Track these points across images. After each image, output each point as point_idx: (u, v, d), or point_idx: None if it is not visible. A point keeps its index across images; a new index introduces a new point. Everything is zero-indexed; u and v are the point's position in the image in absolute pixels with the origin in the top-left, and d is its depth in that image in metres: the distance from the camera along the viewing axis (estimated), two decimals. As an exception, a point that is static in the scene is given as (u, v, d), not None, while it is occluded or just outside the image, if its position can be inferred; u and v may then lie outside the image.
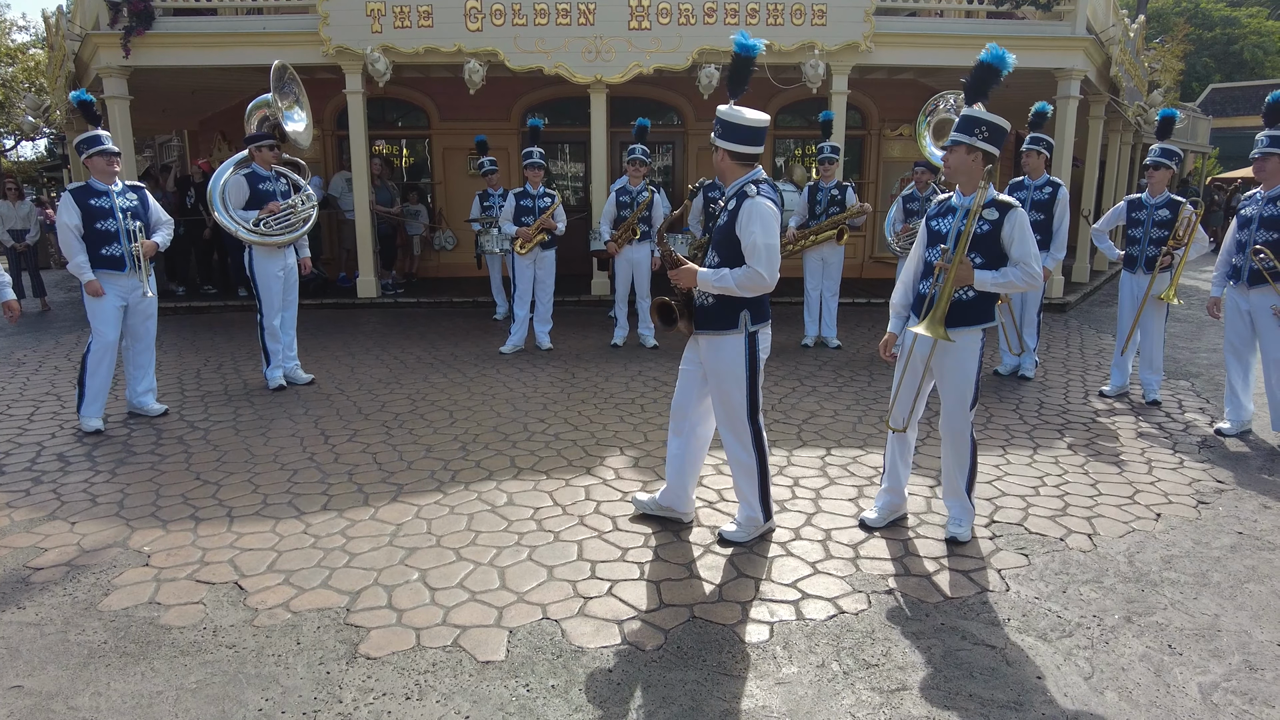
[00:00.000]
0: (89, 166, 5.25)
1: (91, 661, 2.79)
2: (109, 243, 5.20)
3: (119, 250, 5.23)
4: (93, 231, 5.16)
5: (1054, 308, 9.94)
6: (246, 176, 6.05)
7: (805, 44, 9.35)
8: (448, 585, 3.29)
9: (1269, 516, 3.99)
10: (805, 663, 2.78)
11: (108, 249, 5.20)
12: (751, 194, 3.33)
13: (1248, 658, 2.82)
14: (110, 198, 5.23)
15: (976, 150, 3.42)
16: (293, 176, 6.33)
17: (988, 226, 3.45)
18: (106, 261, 5.21)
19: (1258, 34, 34.79)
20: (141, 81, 9.74)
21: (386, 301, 10.26)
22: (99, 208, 5.18)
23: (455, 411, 5.69)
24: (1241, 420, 5.22)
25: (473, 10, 9.23)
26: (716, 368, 3.53)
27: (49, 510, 4.05)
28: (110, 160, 5.21)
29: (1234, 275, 5.10)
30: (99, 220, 5.18)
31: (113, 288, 5.27)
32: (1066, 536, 3.75)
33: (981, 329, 3.55)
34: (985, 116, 3.42)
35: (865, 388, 6.28)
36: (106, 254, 5.20)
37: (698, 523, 3.88)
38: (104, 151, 5.18)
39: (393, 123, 12.58)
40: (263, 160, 6.13)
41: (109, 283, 5.25)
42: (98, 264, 5.19)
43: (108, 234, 5.19)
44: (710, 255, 3.53)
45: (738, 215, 3.34)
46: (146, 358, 5.58)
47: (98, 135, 5.21)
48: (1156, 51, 15.55)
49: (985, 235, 3.46)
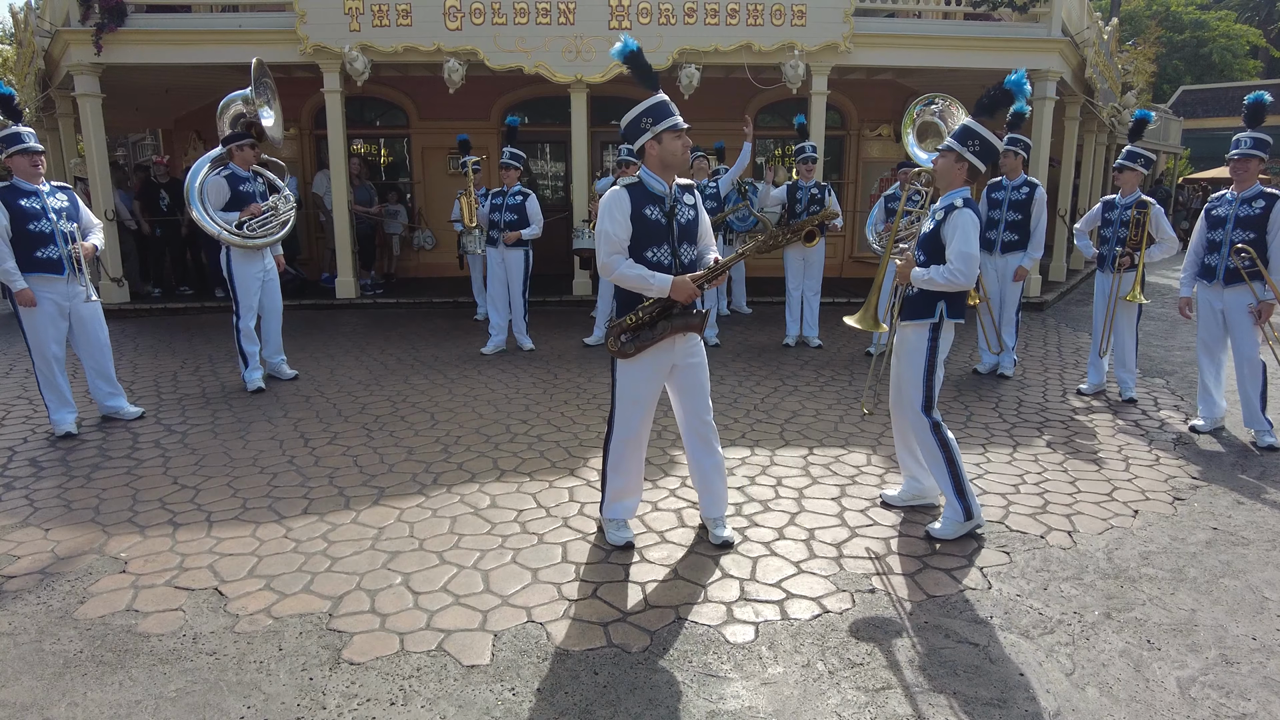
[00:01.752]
0: (10, 166, 4.93)
1: (67, 671, 2.74)
2: (43, 245, 4.90)
3: (55, 253, 4.93)
4: (24, 234, 4.86)
5: (1032, 306, 10.05)
6: (227, 178, 5.94)
7: (785, 44, 9.38)
8: (431, 589, 3.27)
9: (1242, 512, 4.06)
10: (791, 663, 2.79)
11: (43, 251, 4.90)
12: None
13: (1224, 652, 2.87)
14: (40, 198, 4.94)
15: (964, 161, 3.55)
16: (269, 176, 6.23)
17: (933, 225, 3.61)
18: (43, 265, 4.91)
19: (1226, 37, 35.38)
20: (114, 79, 9.58)
21: (366, 302, 10.17)
22: (29, 209, 4.88)
23: (437, 413, 5.65)
24: (1214, 417, 5.31)
25: (452, 9, 9.16)
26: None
27: (21, 517, 3.98)
28: (33, 160, 4.90)
29: (1206, 274, 5.18)
30: (31, 222, 4.87)
31: (51, 293, 4.99)
32: (1047, 534, 3.80)
33: (928, 324, 3.66)
34: (983, 132, 3.54)
35: (846, 387, 6.32)
36: (42, 257, 4.90)
37: (681, 524, 3.89)
38: (25, 150, 4.86)
39: (371, 122, 12.46)
40: (242, 160, 6.02)
41: (46, 289, 4.96)
42: (34, 268, 4.89)
43: (42, 236, 4.90)
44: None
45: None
46: (104, 363, 5.36)
47: (18, 133, 4.87)
48: (1129, 53, 15.76)
49: (930, 234, 3.63)
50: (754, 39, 9.39)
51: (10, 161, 4.93)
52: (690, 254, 3.50)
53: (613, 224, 3.31)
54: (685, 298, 3.32)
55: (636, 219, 3.34)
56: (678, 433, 5.19)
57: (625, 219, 3.32)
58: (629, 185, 3.38)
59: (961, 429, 5.34)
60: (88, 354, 5.31)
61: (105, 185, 9.67)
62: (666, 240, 3.40)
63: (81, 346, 5.29)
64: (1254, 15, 40.25)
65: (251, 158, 6.05)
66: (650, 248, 3.38)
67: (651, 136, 3.33)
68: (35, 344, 5.06)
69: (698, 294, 3.37)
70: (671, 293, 3.31)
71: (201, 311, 9.93)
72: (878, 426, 5.37)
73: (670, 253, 3.41)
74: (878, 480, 4.44)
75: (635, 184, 3.39)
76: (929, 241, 3.63)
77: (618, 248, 3.33)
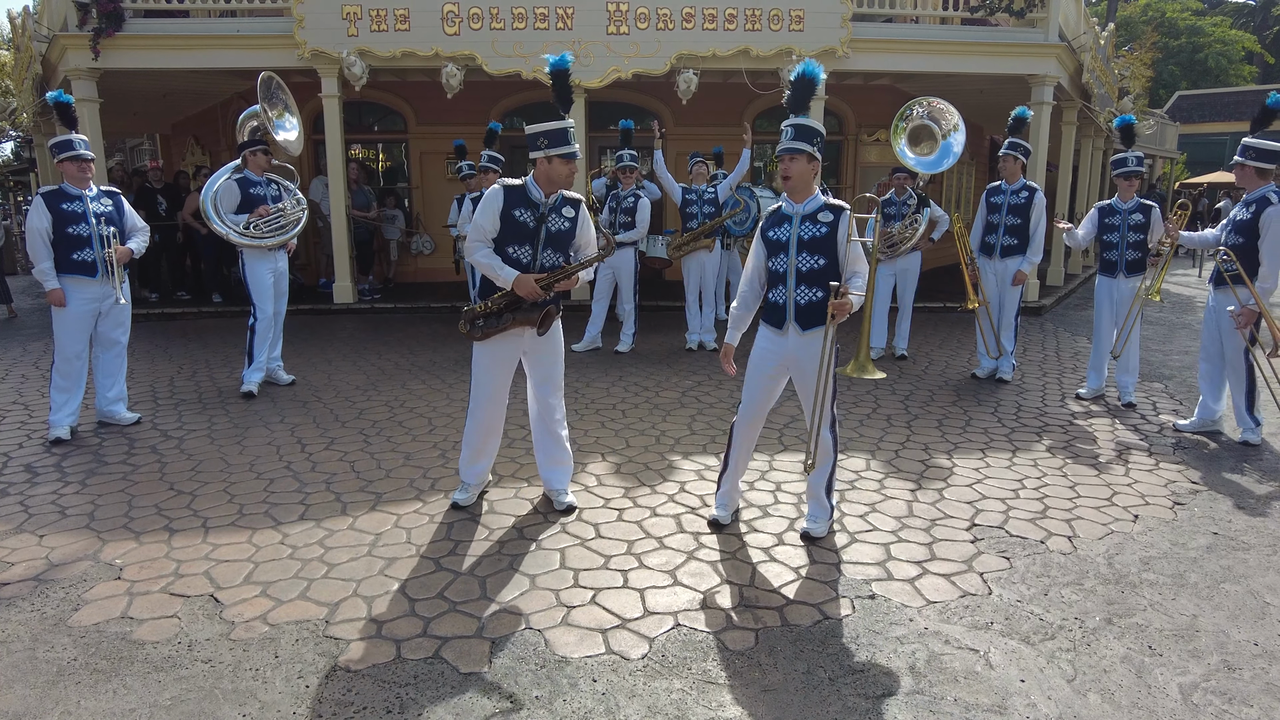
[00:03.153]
0: (61, 171, 5.16)
1: (61, 679, 2.71)
2: (80, 248, 5.10)
3: (90, 256, 5.13)
4: (64, 236, 5.06)
5: (1030, 311, 10.05)
6: (238, 181, 6.09)
7: (783, 49, 9.39)
8: (428, 595, 3.24)
9: (1242, 517, 4.05)
10: (791, 669, 2.77)
11: (79, 254, 5.10)
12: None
13: (1226, 658, 2.86)
14: (84, 202, 5.14)
15: (816, 160, 3.46)
16: (283, 182, 6.37)
17: (825, 230, 3.43)
18: (78, 267, 5.10)
19: (1221, 42, 35.54)
20: (112, 84, 9.57)
21: (363, 307, 10.15)
22: (71, 212, 5.08)
23: (434, 418, 5.63)
24: (1205, 419, 5.32)
25: (450, 14, 9.17)
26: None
27: (16, 523, 3.95)
28: (82, 166, 5.12)
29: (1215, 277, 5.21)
30: (71, 225, 5.08)
31: (83, 294, 5.16)
32: (1047, 539, 3.78)
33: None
34: (817, 125, 3.45)
35: (843, 391, 6.31)
36: (78, 259, 5.10)
37: (680, 529, 3.87)
38: (76, 158, 5.09)
39: (369, 126, 12.47)
40: (255, 165, 6.17)
41: (79, 289, 5.14)
42: (69, 269, 5.08)
43: (80, 239, 5.10)
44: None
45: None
46: (117, 365, 5.49)
47: (70, 140, 5.10)
48: (1126, 59, 15.83)
49: (823, 238, 3.43)
50: (752, 44, 9.40)
51: (61, 166, 5.14)
52: (554, 259, 3.81)
53: (483, 216, 3.72)
54: (526, 294, 3.68)
55: (506, 217, 3.70)
56: (674, 439, 5.18)
57: (495, 215, 3.69)
58: (510, 187, 3.71)
59: (961, 433, 5.33)
60: (104, 354, 5.43)
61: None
62: (530, 242, 3.75)
63: (99, 345, 5.41)
64: (1249, 21, 40.43)
65: (264, 163, 6.22)
66: (512, 245, 3.74)
67: (544, 155, 3.67)
68: (59, 341, 5.22)
69: (539, 293, 3.70)
70: (515, 287, 3.68)
71: (199, 316, 9.91)
72: (876, 431, 5.36)
73: (531, 253, 3.76)
74: (877, 485, 4.43)
75: (517, 187, 3.73)
76: (823, 245, 3.44)
77: (481, 237, 3.74)
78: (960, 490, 4.36)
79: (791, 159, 3.43)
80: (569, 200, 3.80)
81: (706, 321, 7.91)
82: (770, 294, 3.62)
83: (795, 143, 3.41)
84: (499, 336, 3.81)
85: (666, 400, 6.08)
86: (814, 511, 3.81)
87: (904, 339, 7.60)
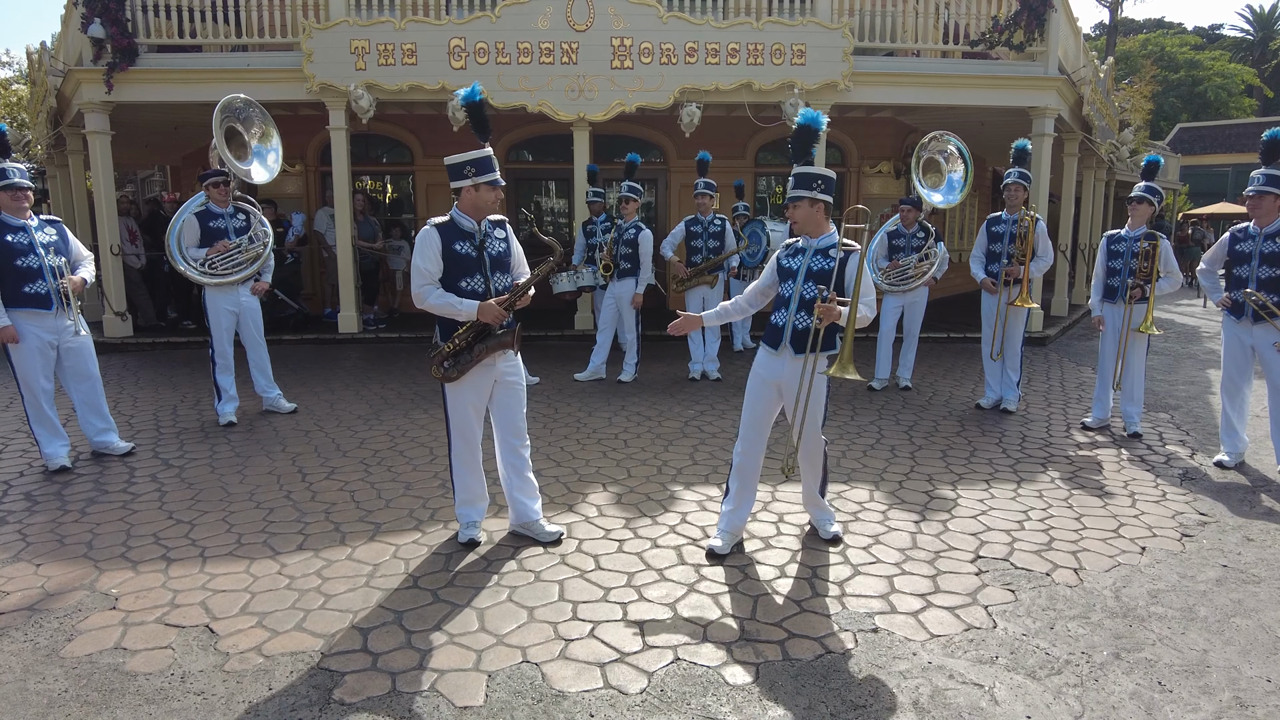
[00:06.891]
0: None
1: (51, 711, 2.68)
2: (31, 280, 4.88)
3: (44, 288, 4.91)
4: (12, 269, 4.84)
5: (1034, 341, 10.03)
6: (198, 215, 5.95)
7: (785, 83, 9.50)
8: (425, 627, 3.21)
9: (1252, 549, 3.99)
10: (793, 705, 2.72)
11: (30, 286, 4.88)
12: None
13: (1238, 694, 2.79)
14: (28, 233, 4.90)
15: (819, 202, 3.66)
16: (252, 211, 6.20)
17: (834, 265, 3.64)
18: (31, 300, 4.89)
19: (1221, 75, 35.88)
20: (124, 116, 9.72)
21: (368, 337, 10.18)
22: (16, 244, 4.85)
23: (436, 448, 5.61)
24: (1238, 451, 5.29)
25: (456, 48, 9.32)
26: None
27: (13, 552, 3.93)
28: (15, 195, 4.86)
29: (1234, 310, 5.18)
30: (18, 257, 4.85)
31: (39, 328, 4.96)
32: (1053, 571, 3.73)
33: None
34: (820, 171, 3.69)
35: (848, 422, 6.28)
36: (30, 292, 4.88)
37: (681, 561, 3.83)
38: (10, 186, 4.84)
39: (376, 158, 12.62)
40: (215, 198, 6.01)
41: (34, 323, 4.94)
42: (21, 303, 4.87)
43: (30, 271, 4.88)
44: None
45: None
46: (95, 397, 5.33)
47: (4, 168, 4.84)
48: (1126, 91, 15.98)
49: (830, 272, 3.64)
50: (754, 78, 9.52)
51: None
52: (503, 282, 3.83)
53: (423, 259, 3.65)
54: (493, 319, 3.67)
55: (448, 254, 3.68)
56: (676, 469, 5.15)
57: (436, 255, 3.66)
58: (439, 225, 3.69)
59: (965, 464, 5.29)
60: (77, 388, 5.27)
61: (112, 221, 9.77)
62: (479, 270, 3.75)
63: (70, 381, 5.25)
64: (1247, 55, 40.84)
65: (224, 195, 6.02)
66: (464, 278, 3.73)
67: (471, 184, 3.66)
68: (23, 378, 5.04)
69: (504, 315, 3.70)
70: (480, 315, 3.66)
71: (203, 346, 9.92)
72: (880, 462, 5.32)
73: (483, 281, 3.76)
74: (880, 516, 4.38)
75: (446, 223, 3.71)
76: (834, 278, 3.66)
77: (428, 279, 3.67)
78: (965, 522, 4.32)
79: (794, 206, 3.71)
80: (495, 223, 3.85)
81: (710, 351, 7.91)
82: (773, 316, 3.83)
83: (795, 191, 3.69)
84: (472, 371, 3.78)
85: (669, 430, 6.06)
86: (821, 518, 4.09)
87: (908, 369, 7.58)
